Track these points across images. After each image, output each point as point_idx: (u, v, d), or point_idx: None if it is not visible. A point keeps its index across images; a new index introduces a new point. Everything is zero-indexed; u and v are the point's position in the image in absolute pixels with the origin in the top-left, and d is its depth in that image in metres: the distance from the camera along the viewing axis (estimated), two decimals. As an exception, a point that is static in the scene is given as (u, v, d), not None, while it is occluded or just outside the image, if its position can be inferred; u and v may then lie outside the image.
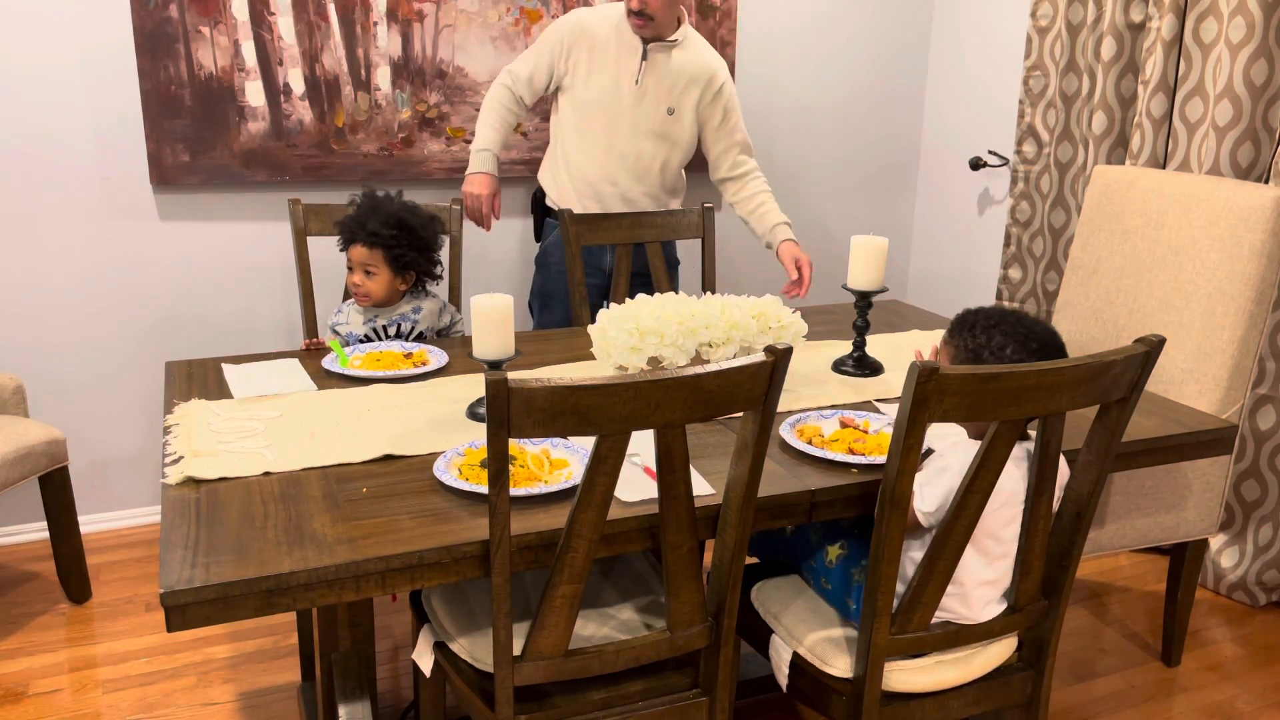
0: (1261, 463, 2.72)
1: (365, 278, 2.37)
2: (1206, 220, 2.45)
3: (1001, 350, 1.61)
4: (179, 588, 1.31)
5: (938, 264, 3.89)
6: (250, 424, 1.85)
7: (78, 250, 2.89)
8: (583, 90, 2.74)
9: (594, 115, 2.75)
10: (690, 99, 2.78)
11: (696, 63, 2.77)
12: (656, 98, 2.75)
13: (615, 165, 2.79)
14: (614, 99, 2.73)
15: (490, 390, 1.27)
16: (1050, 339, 1.64)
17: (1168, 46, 2.76)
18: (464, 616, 1.68)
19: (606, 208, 2.82)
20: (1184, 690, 2.42)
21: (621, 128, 2.75)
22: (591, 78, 2.73)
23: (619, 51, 2.72)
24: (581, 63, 2.73)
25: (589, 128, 2.77)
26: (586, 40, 2.73)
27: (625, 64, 2.71)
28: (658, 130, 2.78)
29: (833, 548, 1.79)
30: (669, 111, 2.76)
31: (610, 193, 2.81)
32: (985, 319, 1.66)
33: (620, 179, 2.80)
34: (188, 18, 2.79)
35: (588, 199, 2.82)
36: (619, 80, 2.72)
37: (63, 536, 2.65)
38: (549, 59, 2.76)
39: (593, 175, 2.80)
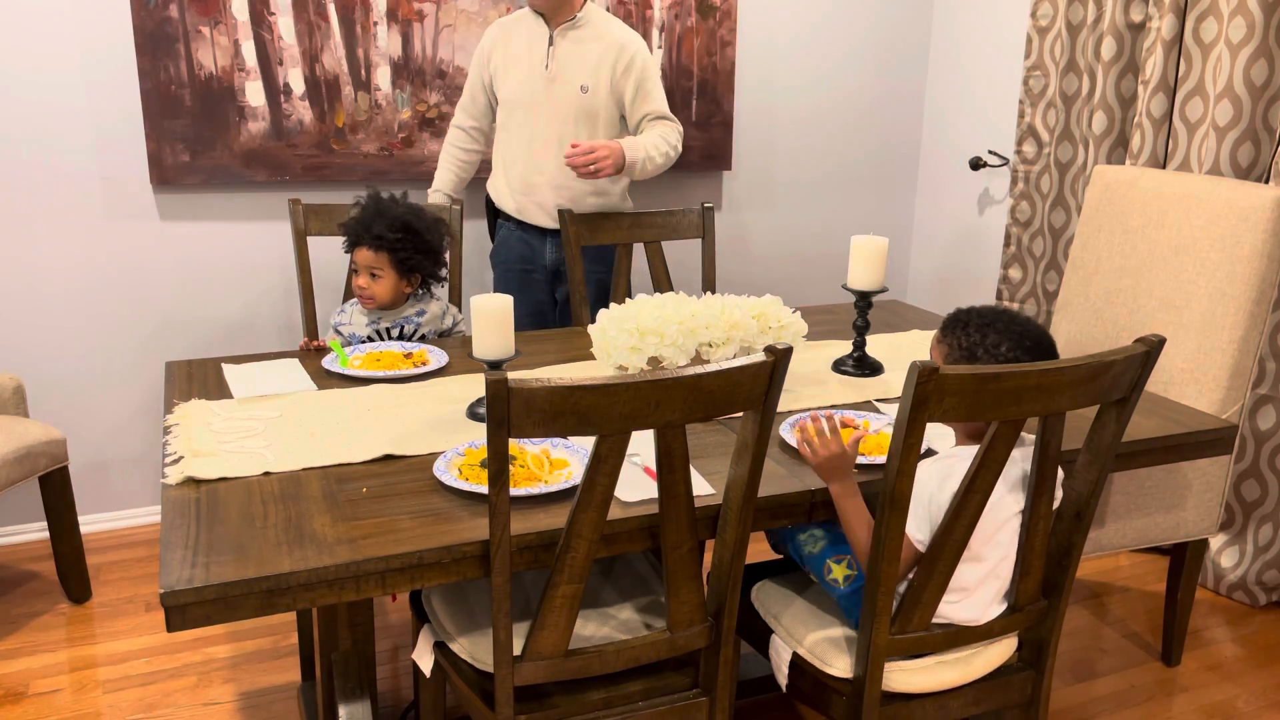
0: (1261, 463, 2.72)
1: (371, 280, 2.37)
2: (1206, 220, 2.45)
3: (996, 348, 1.61)
4: (179, 588, 1.31)
5: (938, 264, 3.89)
6: (250, 424, 1.85)
7: (78, 250, 2.89)
8: (503, 88, 2.79)
9: (515, 109, 2.78)
10: (604, 75, 2.76)
11: (604, 39, 2.77)
12: (568, 78, 2.75)
13: (541, 152, 2.78)
14: (529, 88, 2.76)
15: (490, 390, 1.27)
16: (1042, 337, 1.63)
17: (1168, 46, 2.76)
18: (464, 616, 1.68)
19: (539, 200, 2.80)
20: (1184, 690, 2.42)
21: (540, 115, 2.76)
22: (509, 74, 2.77)
23: (528, 42, 2.76)
24: (500, 63, 2.78)
25: (512, 122, 2.80)
26: (502, 40, 2.79)
27: (535, 52, 2.75)
28: (575, 111, 2.76)
29: (838, 566, 1.75)
30: (583, 89, 2.76)
31: (540, 181, 2.80)
32: (979, 318, 1.65)
33: (547, 166, 2.78)
34: (188, 18, 2.79)
35: (518, 193, 2.83)
36: (531, 69, 2.75)
37: (63, 536, 2.65)
38: (477, 73, 2.83)
39: (521, 168, 2.81)
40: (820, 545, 1.81)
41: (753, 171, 3.64)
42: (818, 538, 1.82)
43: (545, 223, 2.83)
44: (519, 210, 2.84)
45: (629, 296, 2.31)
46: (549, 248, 2.88)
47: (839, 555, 1.76)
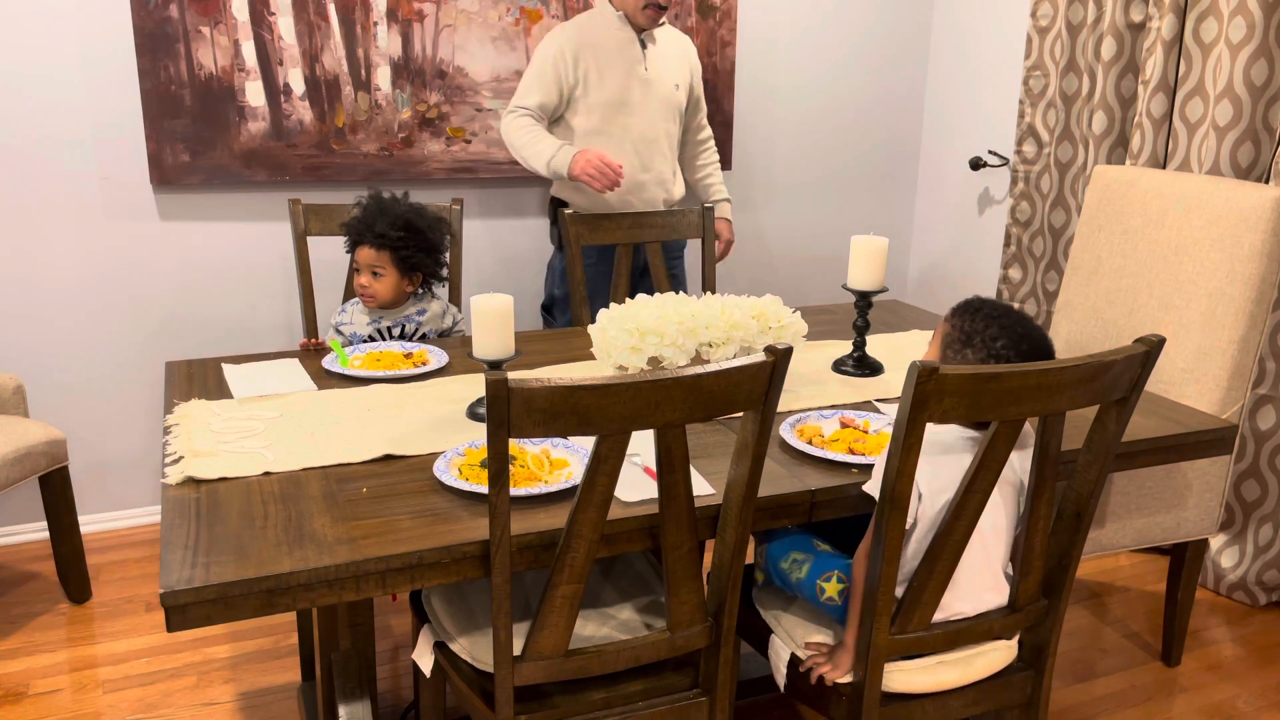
0: (1261, 463, 2.72)
1: (373, 279, 2.37)
2: (1206, 220, 2.45)
3: (993, 341, 1.60)
4: (179, 588, 1.31)
5: (938, 264, 3.89)
6: (250, 424, 1.85)
7: (78, 250, 2.89)
8: (598, 92, 2.83)
9: (616, 112, 2.85)
10: (684, 71, 2.96)
11: (678, 39, 2.98)
12: (662, 78, 2.89)
13: (647, 151, 2.90)
14: (629, 90, 2.84)
15: (490, 390, 1.27)
16: (1041, 344, 1.62)
17: (1168, 46, 2.76)
18: (464, 616, 1.68)
19: (647, 197, 2.94)
20: (1184, 690, 2.42)
21: (645, 115, 2.87)
22: (605, 78, 2.82)
23: (620, 46, 2.83)
24: (590, 68, 2.81)
25: (612, 126, 2.85)
26: (587, 46, 2.81)
27: (631, 55, 2.83)
28: (670, 109, 2.93)
29: (829, 584, 1.72)
30: (676, 87, 2.92)
31: (648, 180, 2.93)
32: (990, 308, 1.65)
33: (654, 163, 2.93)
34: (188, 18, 2.79)
35: (627, 194, 2.90)
36: (630, 72, 2.83)
37: (63, 536, 2.65)
38: (556, 79, 2.80)
39: (632, 171, 2.89)
40: (805, 569, 1.76)
41: (753, 171, 3.64)
42: (800, 561, 1.77)
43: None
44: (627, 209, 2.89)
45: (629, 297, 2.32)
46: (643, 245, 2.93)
47: (826, 574, 1.73)
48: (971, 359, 1.61)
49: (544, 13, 3.14)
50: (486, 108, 3.15)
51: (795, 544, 1.81)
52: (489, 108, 3.15)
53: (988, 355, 1.60)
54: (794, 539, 1.83)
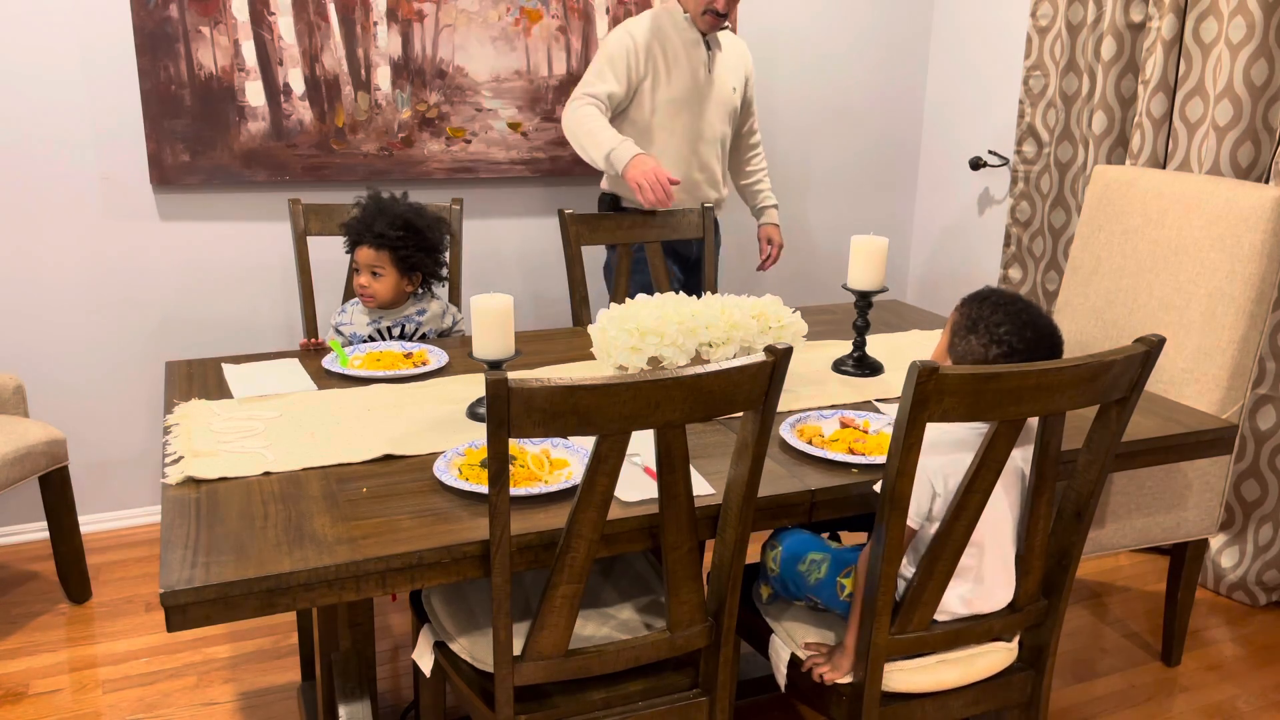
0: (1261, 463, 2.72)
1: (372, 279, 2.37)
2: (1206, 220, 2.45)
3: (997, 328, 1.60)
4: (179, 588, 1.31)
5: (938, 264, 3.89)
6: (250, 424, 1.85)
7: (78, 250, 2.89)
8: (665, 89, 2.86)
9: (679, 110, 2.88)
10: (741, 74, 3.01)
11: (736, 44, 3.02)
12: (724, 80, 2.94)
13: (705, 150, 2.95)
14: (695, 91, 2.88)
15: (490, 390, 1.27)
16: (1046, 334, 1.61)
17: (1168, 46, 2.75)
18: (464, 616, 1.68)
19: (700, 196, 2.98)
20: (1184, 690, 2.42)
21: (706, 115, 2.92)
22: (671, 75, 2.85)
23: (686, 46, 2.87)
24: (659, 63, 2.85)
25: (675, 123, 2.89)
26: (657, 41, 2.85)
27: (696, 56, 2.87)
28: (729, 112, 2.98)
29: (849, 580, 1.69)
30: (734, 90, 2.97)
31: (701, 179, 2.97)
32: (999, 297, 1.65)
33: (710, 163, 2.97)
34: (188, 18, 2.79)
35: (681, 191, 2.93)
36: (695, 72, 2.87)
37: (63, 536, 2.65)
38: (626, 71, 2.83)
39: (683, 167, 2.91)
40: (824, 568, 1.72)
41: (753, 171, 3.64)
42: (819, 562, 1.73)
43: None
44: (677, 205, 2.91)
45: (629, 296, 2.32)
46: (694, 241, 3.03)
47: (846, 569, 1.70)
48: (975, 345, 1.62)
49: (544, 13, 3.14)
50: (486, 108, 3.15)
51: (809, 545, 1.78)
52: (489, 108, 3.15)
53: (990, 340, 1.60)
54: (805, 541, 1.79)
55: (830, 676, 1.64)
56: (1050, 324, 1.64)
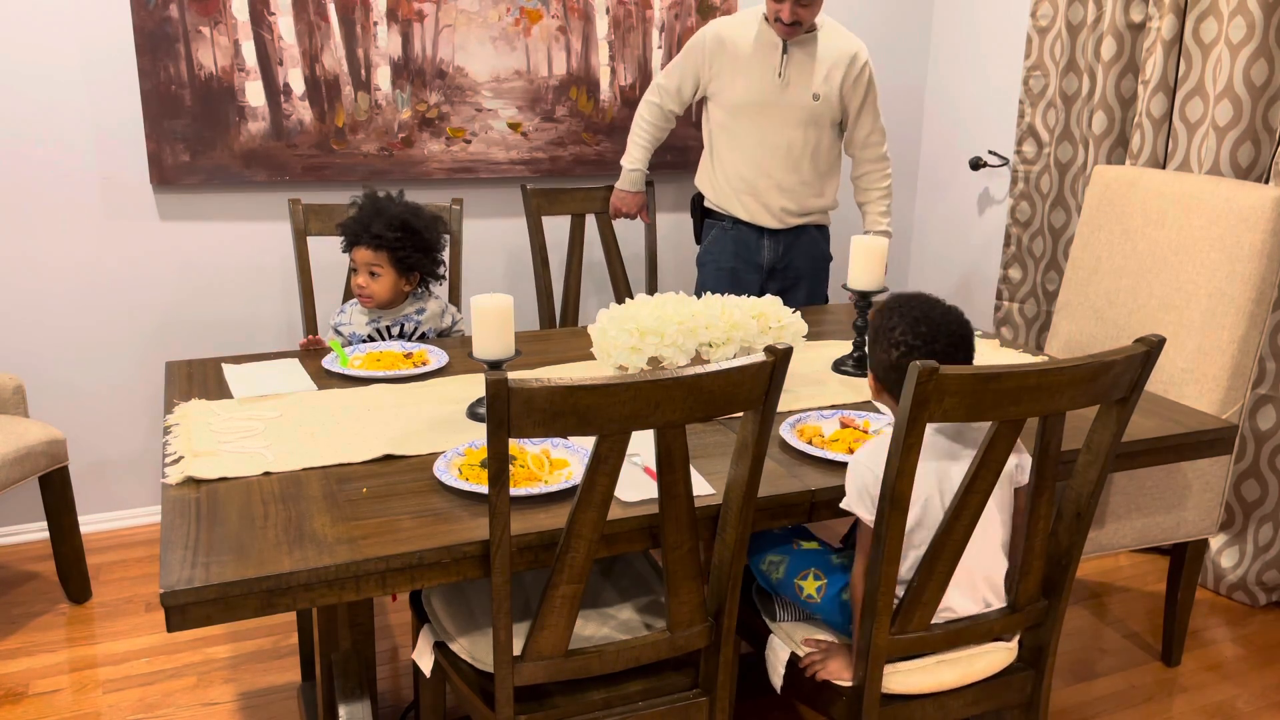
0: (1261, 463, 2.72)
1: (370, 279, 2.37)
2: (1206, 220, 2.45)
3: (891, 332, 1.61)
4: (179, 588, 1.31)
5: (938, 264, 3.89)
6: (250, 424, 1.85)
7: (78, 250, 2.89)
8: (729, 93, 2.85)
9: (742, 114, 2.86)
10: (834, 82, 2.87)
11: (837, 46, 2.87)
12: (801, 87, 2.84)
13: (768, 158, 2.89)
14: (759, 96, 2.83)
15: (490, 390, 1.27)
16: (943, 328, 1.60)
17: (1168, 46, 2.75)
18: (464, 616, 1.68)
19: (764, 200, 2.93)
20: (1184, 690, 2.42)
21: (771, 122, 2.86)
22: (735, 79, 2.84)
23: (759, 49, 2.82)
24: (725, 68, 2.84)
25: (738, 127, 2.88)
26: (727, 46, 2.84)
27: (766, 60, 2.82)
28: (805, 118, 2.87)
29: (805, 582, 1.74)
30: (814, 98, 2.85)
31: (766, 185, 2.91)
32: (897, 301, 1.65)
33: (774, 170, 2.90)
34: (188, 18, 2.79)
35: (744, 194, 2.93)
36: (762, 77, 2.82)
37: (63, 536, 2.65)
38: (694, 68, 2.89)
39: (747, 171, 2.91)
40: (782, 569, 1.79)
41: (753, 171, 3.63)
42: (776, 563, 1.81)
43: (768, 222, 2.95)
44: (744, 209, 2.94)
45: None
46: (766, 246, 2.98)
47: (803, 572, 1.76)
48: (880, 355, 1.63)
49: (544, 13, 3.14)
50: (486, 108, 3.15)
51: (773, 545, 1.83)
52: (489, 108, 3.15)
53: (889, 345, 1.61)
54: (772, 539, 1.84)
55: (823, 675, 1.65)
56: (949, 314, 1.62)
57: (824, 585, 1.73)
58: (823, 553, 1.80)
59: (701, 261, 3.07)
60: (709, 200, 3.03)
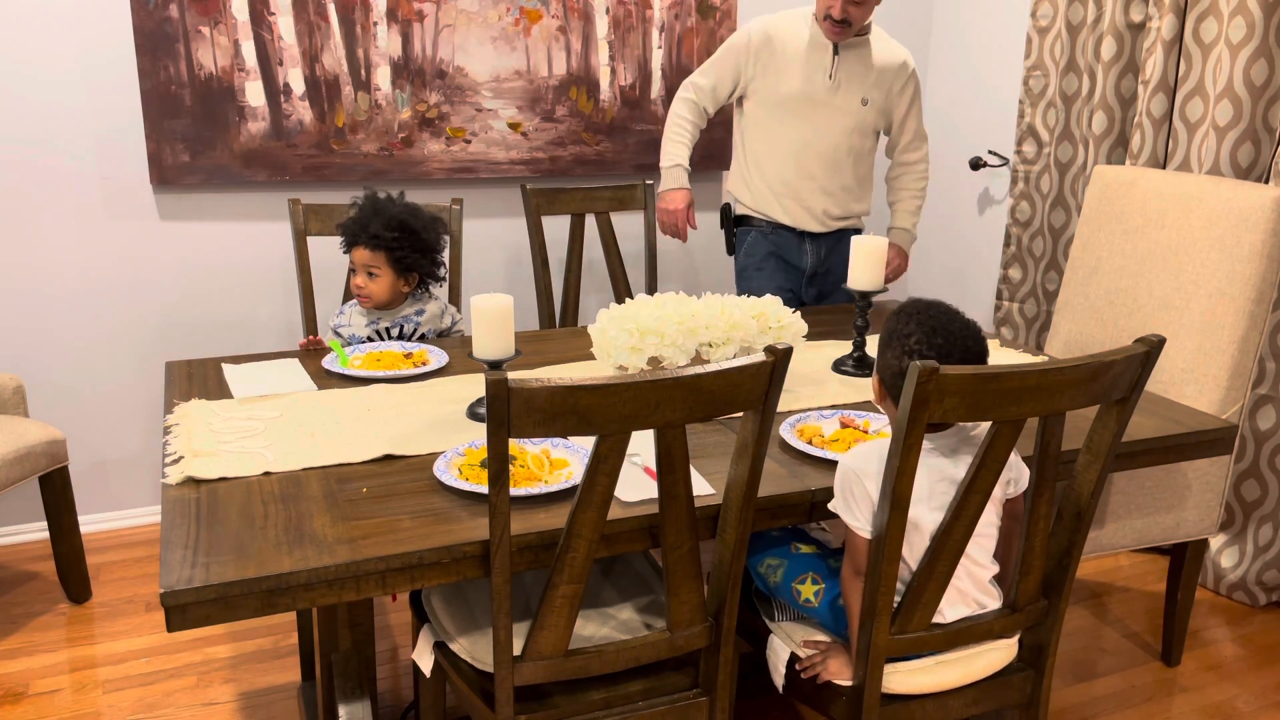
0: (1261, 463, 2.72)
1: (368, 280, 2.37)
2: (1206, 220, 2.45)
3: (907, 339, 1.60)
4: (179, 588, 1.31)
5: (938, 264, 3.89)
6: (250, 424, 1.85)
7: (78, 250, 2.89)
8: (774, 89, 2.76)
9: (788, 113, 2.77)
10: (883, 88, 2.81)
11: (888, 52, 2.82)
12: (851, 90, 2.76)
13: (813, 161, 2.81)
14: (808, 95, 2.74)
15: (490, 390, 1.27)
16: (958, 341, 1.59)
17: (1168, 46, 2.76)
18: (464, 616, 1.68)
19: (807, 203, 2.85)
20: (1184, 690, 2.42)
21: (818, 123, 2.77)
22: (783, 76, 2.74)
23: (810, 49, 2.73)
24: (772, 64, 2.74)
25: (782, 127, 2.79)
26: (775, 44, 2.74)
27: (817, 60, 2.73)
28: (853, 123, 2.80)
29: (804, 586, 1.75)
30: (863, 102, 2.78)
31: (809, 188, 2.83)
32: (915, 307, 1.64)
33: (819, 173, 2.82)
34: (188, 18, 2.79)
35: (786, 198, 2.85)
36: (812, 77, 2.73)
37: (63, 536, 2.65)
38: (734, 67, 2.78)
39: (790, 174, 2.82)
40: (780, 573, 1.80)
41: (753, 171, 3.63)
42: (774, 566, 1.81)
43: (810, 226, 2.87)
44: (785, 212, 2.85)
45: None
46: (808, 250, 2.91)
47: (800, 576, 1.76)
48: (890, 359, 1.61)
49: (544, 13, 3.14)
50: (486, 108, 3.15)
51: (771, 548, 1.83)
52: (489, 108, 3.15)
53: (902, 352, 1.59)
54: (770, 542, 1.84)
55: (824, 676, 1.65)
56: (966, 328, 1.61)
57: (822, 590, 1.73)
58: (821, 557, 1.80)
59: (742, 270, 2.95)
60: (744, 206, 2.93)
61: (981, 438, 1.52)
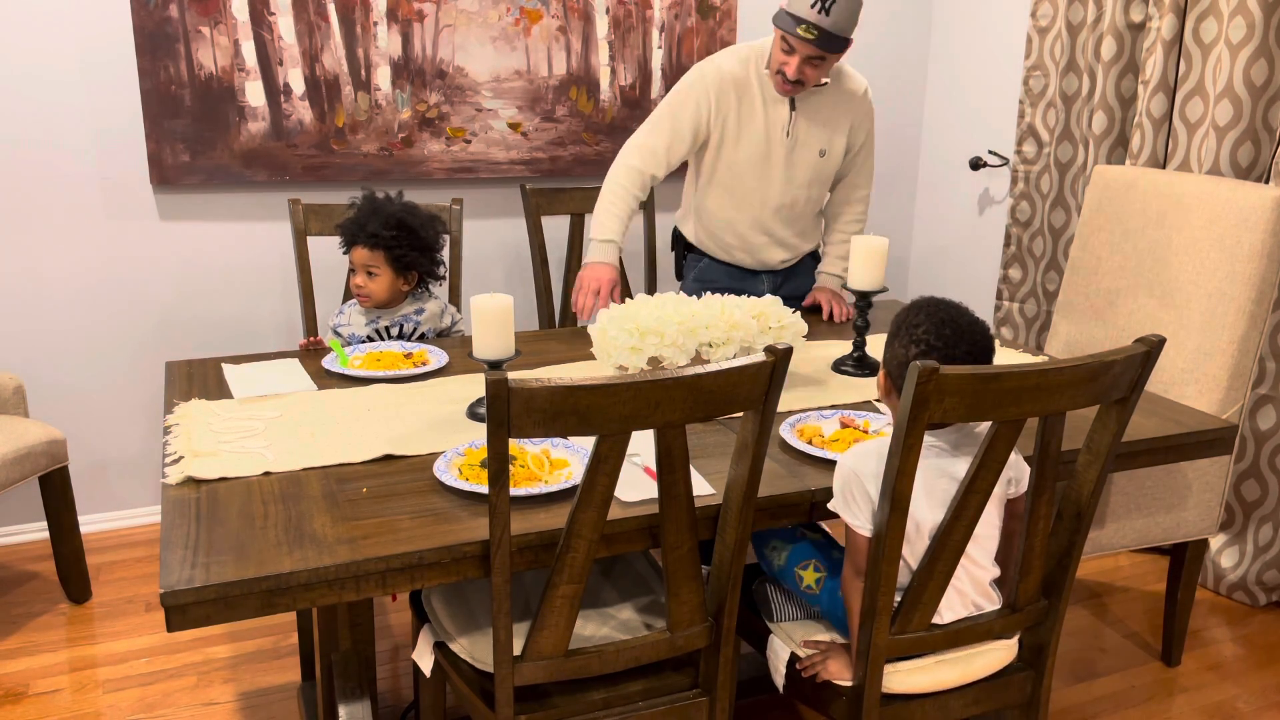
0: (1261, 463, 2.72)
1: (367, 279, 2.38)
2: (1206, 220, 2.45)
3: (915, 329, 1.60)
4: (179, 588, 1.31)
5: (938, 264, 3.89)
6: (250, 424, 1.85)
7: (78, 250, 2.89)
8: (732, 150, 2.60)
9: (746, 172, 2.62)
10: (841, 134, 2.66)
11: (845, 97, 2.64)
12: (809, 144, 2.61)
13: (770, 217, 2.68)
14: (765, 154, 2.59)
15: (490, 390, 1.27)
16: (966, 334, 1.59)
17: (1168, 46, 2.76)
18: (464, 616, 1.68)
19: (760, 256, 2.74)
20: (1184, 690, 2.42)
21: (775, 180, 2.63)
22: (741, 136, 2.58)
23: (765, 105, 2.56)
24: (730, 122, 2.57)
25: (741, 185, 2.64)
26: (732, 96, 2.55)
27: (774, 116, 2.57)
28: (811, 176, 2.66)
29: (805, 572, 1.76)
30: (821, 154, 2.64)
31: (763, 242, 2.72)
32: (924, 302, 1.65)
33: (775, 228, 2.70)
34: (188, 18, 2.79)
35: (738, 250, 2.73)
36: (769, 135, 2.58)
37: (63, 536, 2.65)
38: (692, 122, 2.56)
39: (744, 229, 2.69)
40: (784, 556, 1.81)
41: (753, 171, 3.63)
42: (779, 549, 1.82)
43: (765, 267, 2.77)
44: (737, 260, 2.75)
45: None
46: (764, 280, 2.79)
47: (804, 562, 1.77)
48: (898, 349, 1.62)
49: (544, 13, 3.14)
50: (486, 108, 3.15)
51: (778, 531, 1.83)
52: (489, 108, 3.15)
53: (910, 341, 1.60)
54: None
55: (823, 675, 1.65)
56: (974, 322, 1.62)
57: (823, 578, 1.74)
58: (825, 545, 1.81)
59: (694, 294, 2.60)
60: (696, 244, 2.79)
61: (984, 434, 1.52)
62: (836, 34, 2.38)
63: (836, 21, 2.36)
